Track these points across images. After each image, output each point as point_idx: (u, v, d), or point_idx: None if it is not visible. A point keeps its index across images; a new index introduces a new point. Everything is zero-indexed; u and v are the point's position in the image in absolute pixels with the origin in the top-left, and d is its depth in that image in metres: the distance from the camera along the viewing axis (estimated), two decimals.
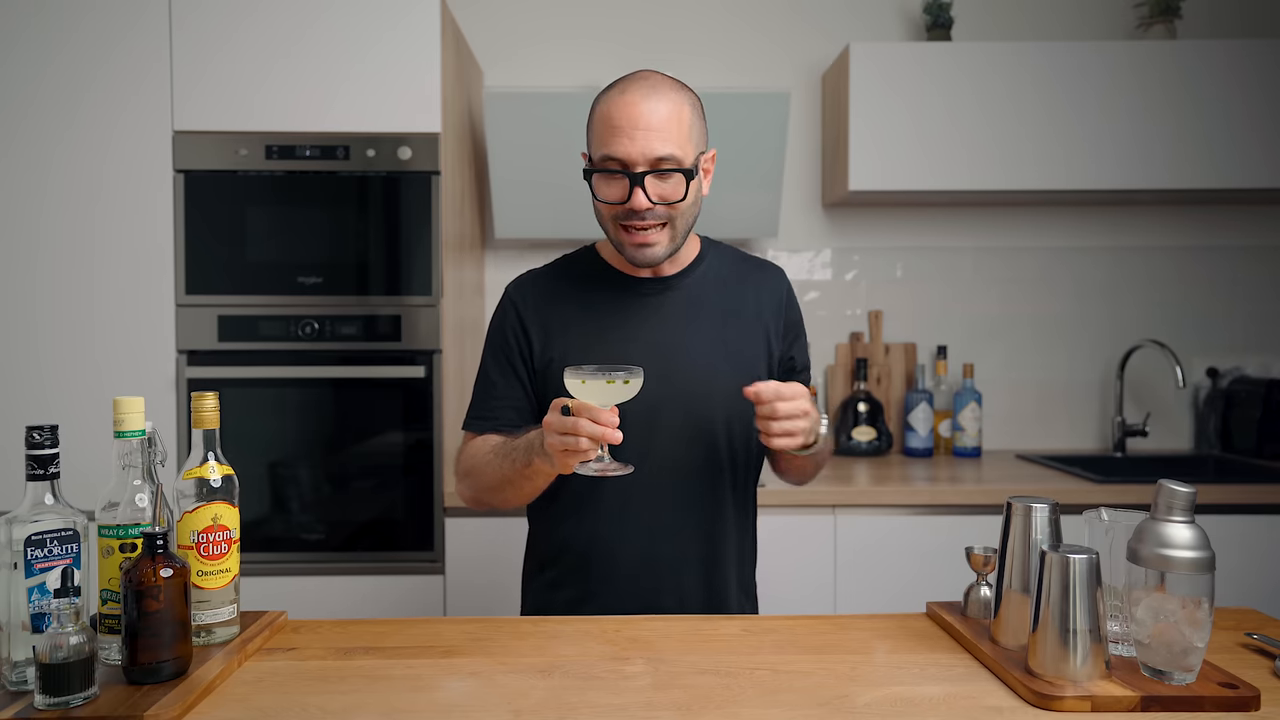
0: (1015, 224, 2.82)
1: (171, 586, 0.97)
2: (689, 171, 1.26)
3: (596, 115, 1.29)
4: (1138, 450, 2.76)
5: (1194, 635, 0.96)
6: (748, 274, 1.44)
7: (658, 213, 1.27)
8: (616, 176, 1.26)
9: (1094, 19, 2.78)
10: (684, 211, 1.30)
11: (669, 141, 1.25)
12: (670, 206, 1.27)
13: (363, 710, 0.95)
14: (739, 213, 2.53)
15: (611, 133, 1.25)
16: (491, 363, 1.42)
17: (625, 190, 1.26)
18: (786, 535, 2.15)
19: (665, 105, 1.25)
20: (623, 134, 1.24)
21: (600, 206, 1.31)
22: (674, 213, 1.29)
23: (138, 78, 2.13)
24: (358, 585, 2.16)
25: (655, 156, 1.24)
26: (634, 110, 1.24)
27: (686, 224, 1.32)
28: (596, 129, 1.29)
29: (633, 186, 1.24)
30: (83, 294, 2.14)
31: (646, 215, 1.26)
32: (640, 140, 1.23)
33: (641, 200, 1.25)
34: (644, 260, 1.31)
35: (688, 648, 1.13)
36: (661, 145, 1.24)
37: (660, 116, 1.24)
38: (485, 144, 2.53)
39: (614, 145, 1.25)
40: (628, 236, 1.29)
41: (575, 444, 1.09)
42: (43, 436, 0.99)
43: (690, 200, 1.29)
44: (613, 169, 1.26)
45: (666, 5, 2.77)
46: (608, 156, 1.26)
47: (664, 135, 1.24)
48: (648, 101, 1.25)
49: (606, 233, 1.34)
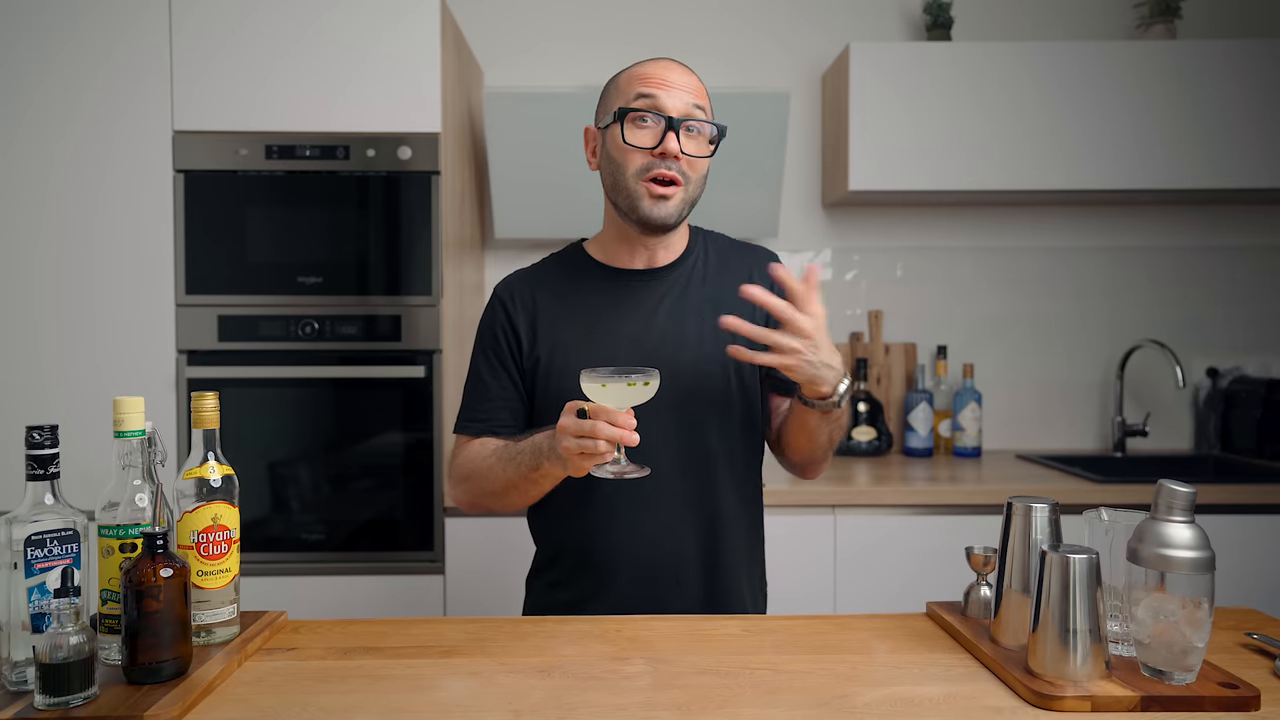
0: (1015, 224, 2.82)
1: (171, 586, 0.97)
2: (720, 128, 1.32)
3: (624, 76, 1.33)
4: (1138, 450, 2.76)
5: (1194, 635, 0.96)
6: (738, 261, 1.43)
7: (681, 167, 1.29)
8: (647, 124, 1.29)
9: (1094, 19, 2.78)
10: (699, 176, 1.33)
11: (702, 99, 1.32)
12: (691, 165, 1.30)
13: (363, 710, 0.95)
14: (739, 212, 2.53)
15: (647, 81, 1.30)
16: (483, 363, 1.41)
17: (657, 136, 1.28)
18: (786, 535, 2.15)
19: (693, 78, 1.33)
20: (660, 82, 1.29)
21: (625, 155, 1.30)
22: (692, 172, 1.31)
23: (138, 78, 2.13)
24: (358, 585, 2.16)
25: (692, 104, 1.29)
26: (669, 70, 1.31)
27: (697, 191, 1.34)
28: (625, 85, 1.32)
29: (667, 131, 1.27)
30: (83, 294, 2.14)
31: (672, 165, 1.28)
32: (678, 92, 1.29)
33: (674, 145, 1.27)
34: (659, 216, 1.30)
35: (687, 648, 1.13)
36: (697, 99, 1.30)
37: (692, 81, 1.32)
38: (485, 144, 2.53)
39: (652, 88, 1.29)
40: (649, 188, 1.29)
41: (593, 447, 1.09)
42: (43, 436, 0.99)
43: (708, 164, 1.34)
44: (647, 110, 1.28)
45: (667, 5, 2.77)
46: (644, 95, 1.28)
47: (698, 94, 1.31)
48: (679, 67, 1.32)
49: (621, 189, 1.31)
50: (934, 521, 2.17)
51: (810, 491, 2.15)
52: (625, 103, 1.30)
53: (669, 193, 1.29)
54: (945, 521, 2.17)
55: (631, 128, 1.29)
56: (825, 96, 2.74)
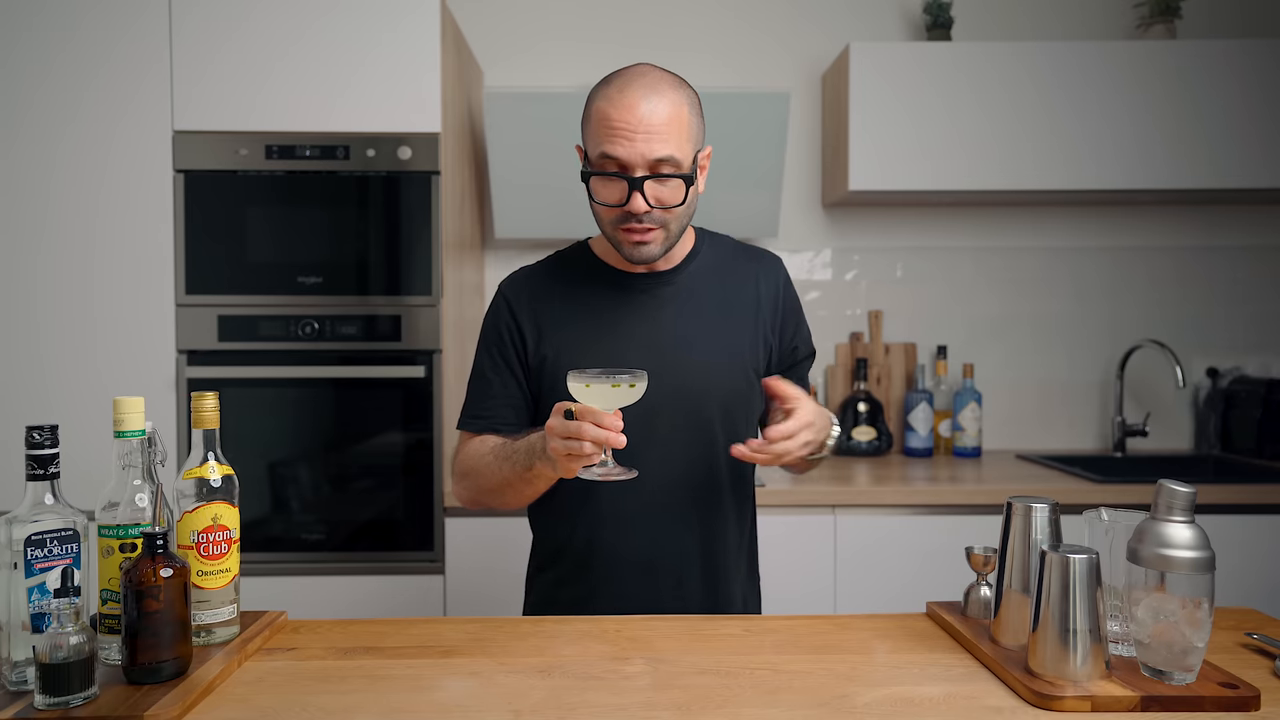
0: (1015, 224, 2.82)
1: (171, 586, 0.97)
2: (688, 177, 1.25)
3: (594, 113, 1.27)
4: (1138, 450, 2.76)
5: (1194, 635, 0.96)
6: (743, 265, 1.43)
7: (654, 216, 1.26)
8: (615, 179, 1.25)
9: (1094, 19, 2.78)
10: (680, 214, 1.30)
11: (668, 143, 1.23)
12: (666, 211, 1.27)
13: (363, 710, 0.95)
14: (739, 212, 2.53)
15: (610, 134, 1.23)
16: (486, 361, 1.41)
17: (624, 193, 1.24)
18: (786, 535, 2.15)
19: (665, 106, 1.23)
20: (622, 136, 1.22)
21: (597, 209, 1.31)
22: (669, 216, 1.28)
23: (138, 78, 2.13)
24: (358, 585, 2.16)
25: (655, 159, 1.22)
26: (633, 113, 1.22)
27: (681, 225, 1.32)
28: (594, 128, 1.27)
29: (631, 190, 1.23)
30: (83, 294, 2.14)
31: (644, 218, 1.26)
32: (640, 143, 1.22)
33: (640, 204, 1.24)
34: (640, 258, 1.30)
35: (687, 647, 1.13)
36: (661, 147, 1.22)
37: (660, 118, 1.22)
38: (485, 144, 2.53)
39: (613, 147, 1.23)
40: (625, 236, 1.29)
41: (578, 448, 1.09)
42: (43, 436, 0.99)
43: (687, 204, 1.29)
44: (611, 171, 1.25)
45: (666, 5, 2.77)
46: (606, 156, 1.24)
47: (664, 137, 1.22)
48: (647, 102, 1.22)
49: (603, 231, 1.33)
50: (934, 521, 2.17)
51: (810, 491, 2.15)
52: (592, 156, 1.27)
53: (647, 238, 1.28)
54: (945, 521, 2.17)
55: (598, 185, 1.28)
56: (825, 96, 2.74)
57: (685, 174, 1.25)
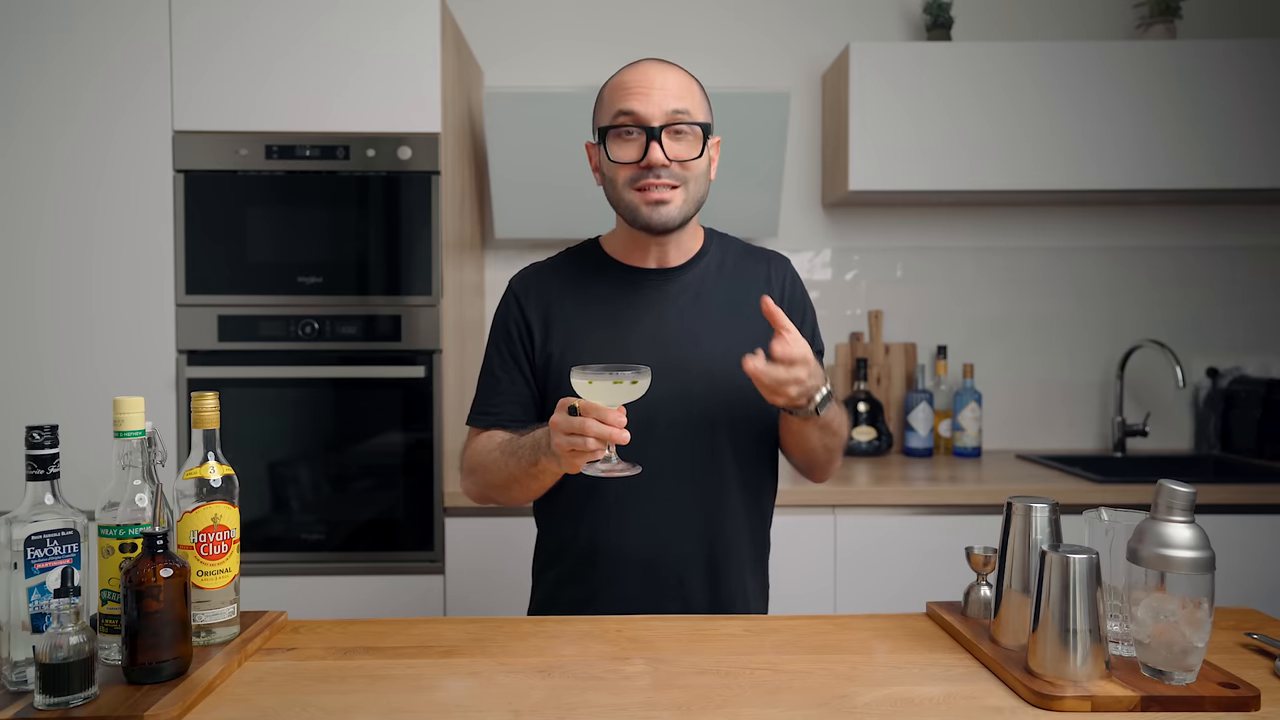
0: (1015, 224, 2.82)
1: (171, 586, 0.97)
2: (705, 126, 1.29)
3: (607, 87, 1.32)
4: (1138, 450, 2.76)
5: (1194, 635, 0.96)
6: (751, 265, 1.44)
7: (673, 172, 1.28)
8: (632, 136, 1.28)
9: (1094, 19, 2.78)
10: (697, 175, 1.31)
11: (684, 99, 1.28)
12: (684, 166, 1.28)
13: (363, 710, 0.95)
14: (739, 212, 2.53)
15: (626, 93, 1.28)
16: (495, 357, 1.42)
17: (641, 148, 1.27)
18: (786, 535, 2.13)
19: (677, 73, 1.31)
20: (638, 91, 1.28)
21: (614, 170, 1.30)
22: (687, 174, 1.29)
23: (138, 78, 2.13)
24: (358, 585, 2.16)
25: (672, 109, 1.27)
26: (648, 74, 1.29)
27: (699, 190, 1.33)
28: (608, 97, 1.31)
29: (649, 142, 1.26)
30: (83, 294, 2.14)
31: (662, 173, 1.27)
32: (657, 97, 1.27)
33: (658, 154, 1.26)
34: (659, 220, 1.30)
35: (688, 648, 1.13)
36: (677, 101, 1.27)
37: (674, 80, 1.29)
38: (485, 144, 2.53)
39: (630, 101, 1.27)
40: (642, 195, 1.29)
41: (582, 444, 1.09)
42: (43, 436, 0.99)
43: (704, 162, 1.31)
44: (628, 125, 1.27)
45: (666, 5, 2.77)
46: (623, 112, 1.28)
47: (679, 94, 1.28)
48: (660, 68, 1.30)
49: (619, 201, 1.32)
50: (934, 521, 2.17)
51: (810, 491, 2.15)
52: (608, 119, 1.30)
53: (666, 196, 1.29)
54: (945, 521, 2.17)
55: (615, 144, 1.29)
56: (825, 96, 2.74)
57: (702, 122, 1.29)
